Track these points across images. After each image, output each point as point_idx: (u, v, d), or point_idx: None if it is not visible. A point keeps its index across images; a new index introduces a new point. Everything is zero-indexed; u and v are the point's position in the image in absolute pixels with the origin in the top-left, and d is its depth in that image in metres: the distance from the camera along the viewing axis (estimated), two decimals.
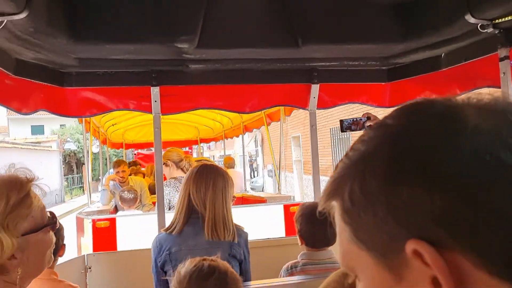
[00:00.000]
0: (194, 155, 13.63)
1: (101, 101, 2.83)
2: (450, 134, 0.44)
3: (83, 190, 25.84)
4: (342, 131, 2.83)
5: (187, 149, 13.14)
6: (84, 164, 25.39)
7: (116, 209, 5.70)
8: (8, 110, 2.35)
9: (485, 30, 2.00)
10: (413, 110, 0.49)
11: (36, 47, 2.08)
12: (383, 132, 0.49)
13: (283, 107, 5.26)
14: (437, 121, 0.46)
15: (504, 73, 2.16)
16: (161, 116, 2.86)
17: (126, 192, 5.16)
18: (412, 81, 2.94)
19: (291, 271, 2.20)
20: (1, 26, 1.63)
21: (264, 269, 2.40)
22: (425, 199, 0.42)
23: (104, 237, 3.97)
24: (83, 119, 5.54)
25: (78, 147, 30.31)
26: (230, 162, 7.77)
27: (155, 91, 2.74)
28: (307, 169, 16.10)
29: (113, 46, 2.18)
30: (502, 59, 2.15)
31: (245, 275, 2.19)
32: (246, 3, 2.25)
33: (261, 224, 4.26)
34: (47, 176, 19.26)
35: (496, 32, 2.05)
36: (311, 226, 2.18)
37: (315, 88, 2.97)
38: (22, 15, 1.60)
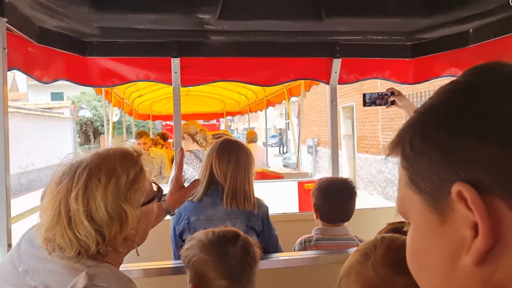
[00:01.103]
0: (222, 127, 13.76)
1: (122, 71, 2.84)
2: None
3: None
4: (364, 105, 2.79)
5: (214, 121, 13.28)
6: (102, 133, 24.58)
7: None
8: (28, 77, 2.36)
9: None
10: (483, 70, 0.52)
11: (59, 15, 2.08)
12: (452, 87, 0.53)
13: (304, 81, 5.21)
14: (503, 80, 0.49)
15: None
16: (188, 89, 2.87)
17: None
18: (437, 58, 2.87)
19: (304, 245, 2.21)
20: None
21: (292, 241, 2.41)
22: (479, 148, 0.45)
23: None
24: (103, 89, 5.56)
25: (94, 115, 28.26)
26: (252, 136, 7.79)
27: (175, 62, 2.74)
28: (362, 147, 14.05)
29: (134, 15, 2.17)
30: None
31: (266, 247, 2.21)
32: None
33: (276, 199, 4.28)
34: (57, 146, 18.77)
35: None
36: (327, 200, 2.19)
37: (337, 63, 2.92)
38: None
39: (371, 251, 0.98)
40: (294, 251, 2.27)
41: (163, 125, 11.90)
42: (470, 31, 2.51)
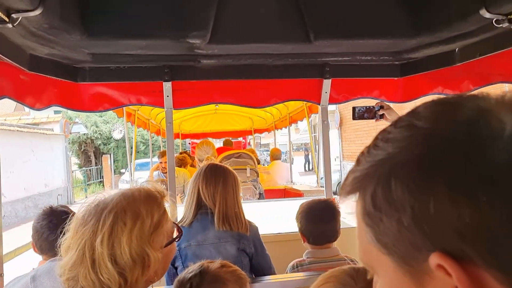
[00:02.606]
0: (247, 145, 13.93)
1: (114, 96, 2.86)
2: (484, 141, 0.41)
3: (103, 185, 22.23)
4: (354, 118, 2.81)
5: (241, 139, 13.42)
6: (104, 153, 23.67)
7: None
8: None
9: (500, 25, 1.97)
10: (442, 112, 0.46)
11: (50, 43, 2.09)
12: (411, 135, 0.46)
13: (306, 106, 5.43)
14: (470, 126, 0.42)
15: None
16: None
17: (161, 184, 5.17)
18: (425, 76, 2.91)
19: (297, 269, 2.22)
20: (16, 23, 1.64)
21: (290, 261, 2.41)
22: (453, 212, 0.40)
23: None
24: (124, 110, 5.59)
25: (95, 132, 24.50)
26: (277, 153, 7.86)
27: (167, 86, 2.76)
28: None
29: (126, 41, 2.19)
30: None
31: (261, 269, 2.20)
32: None
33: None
34: (42, 169, 15.90)
35: None
36: (310, 223, 2.22)
37: (327, 83, 2.96)
38: (37, 12, 1.62)
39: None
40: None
41: (190, 143, 12.03)
42: (456, 50, 2.56)
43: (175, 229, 1.39)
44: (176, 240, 1.37)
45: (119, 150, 25.95)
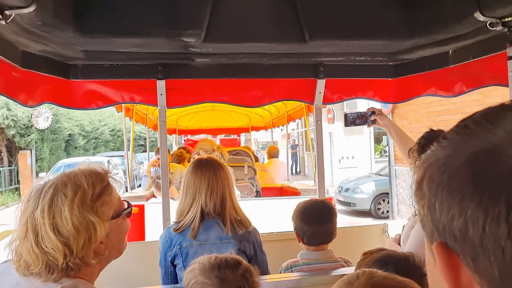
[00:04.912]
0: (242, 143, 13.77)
1: (107, 93, 2.83)
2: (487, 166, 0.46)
3: (20, 193, 16.11)
4: (346, 125, 2.82)
5: (235, 136, 13.38)
6: (23, 148, 16.57)
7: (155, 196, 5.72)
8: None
9: (494, 28, 1.98)
10: (480, 159, 0.48)
11: (43, 40, 2.08)
12: (456, 152, 0.50)
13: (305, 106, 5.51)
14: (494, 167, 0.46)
15: None
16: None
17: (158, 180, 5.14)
18: (419, 77, 2.93)
19: (291, 270, 2.21)
20: (10, 20, 1.63)
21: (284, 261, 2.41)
22: (449, 217, 0.47)
23: (132, 225, 3.93)
24: (122, 106, 5.56)
25: (6, 117, 16.96)
26: (274, 151, 7.87)
27: (161, 84, 2.75)
28: None
29: (119, 39, 2.18)
30: (510, 58, 2.13)
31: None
32: None
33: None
34: None
35: (505, 30, 2.03)
36: (305, 223, 2.21)
37: (321, 83, 2.96)
38: (31, 9, 1.60)
39: (353, 280, 1.04)
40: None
41: (184, 140, 11.93)
42: (450, 52, 2.57)
43: (126, 205, 1.41)
44: (123, 213, 1.38)
45: (45, 144, 19.27)
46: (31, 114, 16.61)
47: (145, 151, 10.00)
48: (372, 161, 17.74)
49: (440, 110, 9.47)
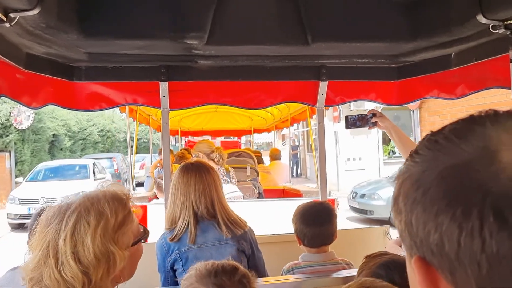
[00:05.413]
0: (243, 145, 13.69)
1: (110, 95, 2.85)
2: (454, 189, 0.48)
3: None
4: (346, 127, 2.82)
5: (236, 138, 13.39)
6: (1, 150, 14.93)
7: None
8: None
9: (497, 31, 1.98)
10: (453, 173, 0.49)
11: (47, 42, 2.09)
12: (429, 168, 0.52)
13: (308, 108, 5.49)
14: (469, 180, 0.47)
15: None
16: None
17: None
18: (421, 80, 2.93)
19: (292, 272, 2.22)
20: (14, 22, 1.64)
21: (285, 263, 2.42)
22: (426, 232, 0.49)
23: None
24: (126, 107, 5.57)
25: None
26: (276, 153, 7.88)
27: (163, 86, 2.76)
28: None
29: (122, 41, 2.19)
30: None
31: (257, 270, 2.21)
32: (256, 0, 2.25)
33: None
34: None
35: (508, 33, 2.03)
36: (305, 225, 2.22)
37: (323, 85, 2.96)
38: (35, 11, 1.61)
39: None
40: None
41: (185, 142, 11.91)
42: (453, 54, 2.57)
43: (142, 230, 1.41)
44: (142, 241, 1.39)
45: (26, 145, 17.84)
46: (10, 113, 15.91)
47: (136, 153, 9.85)
48: (381, 162, 16.89)
49: (480, 104, 8.52)
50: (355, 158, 16.74)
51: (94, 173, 14.84)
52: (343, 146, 16.55)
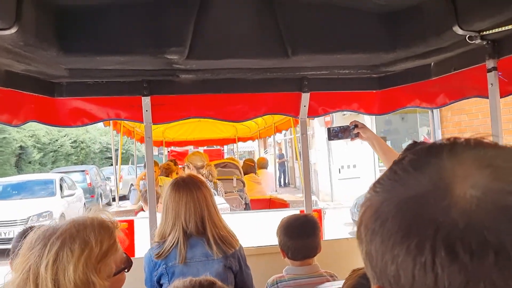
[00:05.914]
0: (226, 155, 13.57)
1: (92, 110, 2.83)
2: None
3: None
4: (329, 139, 2.83)
5: (219, 147, 13.28)
6: None
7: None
8: None
9: (473, 41, 2.02)
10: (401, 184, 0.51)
11: (26, 59, 2.07)
12: (387, 199, 0.52)
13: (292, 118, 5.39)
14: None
15: (492, 84, 2.18)
16: None
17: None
18: (402, 89, 2.96)
19: (276, 286, 2.21)
20: None
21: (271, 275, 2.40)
22: (384, 263, 0.49)
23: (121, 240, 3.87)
24: (110, 121, 5.53)
25: None
26: (263, 162, 7.87)
27: (146, 100, 2.75)
28: None
29: (103, 57, 2.18)
30: (489, 70, 2.17)
31: (242, 287, 2.20)
32: (236, 14, 2.26)
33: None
34: None
35: (484, 43, 2.07)
36: (288, 238, 2.22)
37: (305, 97, 2.98)
38: (12, 30, 1.60)
39: None
40: None
41: (168, 152, 11.71)
42: (432, 64, 2.61)
43: (126, 259, 1.39)
44: (126, 270, 1.37)
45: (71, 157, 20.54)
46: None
47: (111, 164, 9.47)
48: (376, 170, 15.68)
49: None
50: (349, 166, 15.73)
51: (61, 189, 12.76)
52: (336, 153, 15.60)
